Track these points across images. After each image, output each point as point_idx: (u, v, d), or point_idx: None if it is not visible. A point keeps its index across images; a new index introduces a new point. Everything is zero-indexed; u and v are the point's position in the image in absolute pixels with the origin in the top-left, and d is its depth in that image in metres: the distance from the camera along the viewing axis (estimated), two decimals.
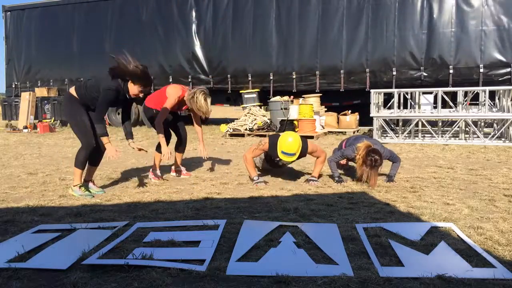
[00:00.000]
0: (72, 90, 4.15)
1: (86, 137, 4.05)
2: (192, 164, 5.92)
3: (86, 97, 4.06)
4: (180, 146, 5.13)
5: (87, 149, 4.05)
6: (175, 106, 4.78)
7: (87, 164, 4.20)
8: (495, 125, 8.93)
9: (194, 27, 12.97)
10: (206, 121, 15.54)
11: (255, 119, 10.31)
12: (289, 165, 5.17)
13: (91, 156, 4.15)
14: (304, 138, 4.61)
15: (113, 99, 3.99)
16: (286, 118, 10.06)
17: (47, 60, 14.92)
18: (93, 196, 4.04)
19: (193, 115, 5.00)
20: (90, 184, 4.30)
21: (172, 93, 4.72)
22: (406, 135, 8.77)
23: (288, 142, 4.39)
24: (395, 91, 9.06)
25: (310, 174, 4.75)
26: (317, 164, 4.65)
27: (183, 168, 5.17)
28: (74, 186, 4.10)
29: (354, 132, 10.05)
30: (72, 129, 4.19)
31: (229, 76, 12.63)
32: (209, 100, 4.69)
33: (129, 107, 4.36)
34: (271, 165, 4.93)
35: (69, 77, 14.64)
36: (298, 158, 4.57)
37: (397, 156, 4.67)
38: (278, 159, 4.60)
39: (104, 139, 3.94)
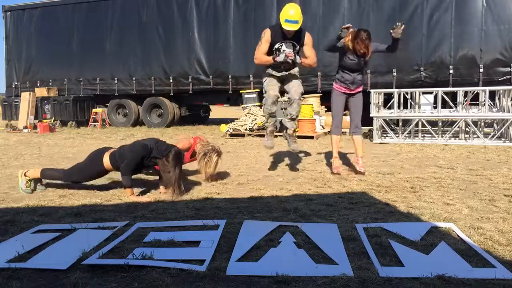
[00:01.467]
0: (106, 156, 4.13)
1: (72, 177, 4.26)
2: (192, 164, 5.91)
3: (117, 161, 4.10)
4: None
5: (60, 178, 4.34)
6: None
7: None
8: (495, 125, 8.93)
9: (194, 27, 12.97)
10: (206, 121, 15.58)
11: (255, 119, 10.31)
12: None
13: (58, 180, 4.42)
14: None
15: (140, 161, 4.02)
16: None
17: (47, 60, 14.91)
18: (31, 192, 4.22)
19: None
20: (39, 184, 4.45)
21: (184, 142, 4.46)
22: (406, 135, 8.77)
23: (290, 8, 4.47)
24: (395, 91, 9.07)
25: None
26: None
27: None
28: (25, 175, 4.25)
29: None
30: (78, 165, 4.32)
31: (230, 76, 12.63)
32: (220, 163, 4.38)
33: None
34: (277, 67, 4.75)
35: (69, 77, 14.65)
36: (297, 45, 4.66)
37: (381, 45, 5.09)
38: (281, 49, 4.60)
39: (127, 191, 3.98)
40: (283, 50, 4.59)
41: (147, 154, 4.00)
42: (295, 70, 4.87)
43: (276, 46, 4.67)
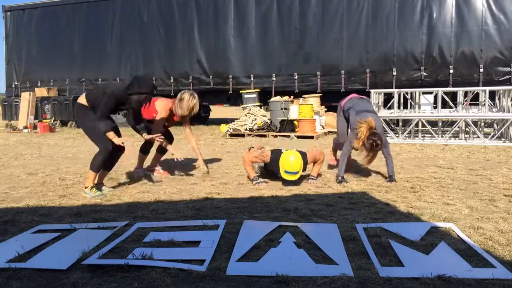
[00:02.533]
0: (81, 99, 4.18)
1: (102, 141, 4.10)
2: (192, 164, 5.92)
3: (96, 101, 4.10)
4: (160, 147, 5.09)
5: (105, 153, 4.10)
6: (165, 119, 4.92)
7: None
8: (495, 125, 8.94)
9: (195, 27, 12.97)
10: (206, 121, 15.57)
11: (255, 119, 10.31)
12: None
13: (106, 160, 4.20)
14: (303, 152, 4.55)
15: (113, 105, 4.06)
16: (286, 118, 10.06)
17: (48, 60, 14.93)
18: (106, 196, 4.07)
19: (184, 125, 5.09)
20: (102, 187, 4.34)
21: (161, 106, 4.87)
22: (406, 135, 8.77)
23: (291, 161, 4.35)
24: (395, 91, 9.07)
25: (309, 174, 4.74)
26: (316, 165, 4.65)
27: (159, 167, 5.23)
28: (86, 187, 4.11)
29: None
30: (89, 137, 4.24)
31: (230, 76, 12.63)
32: (196, 97, 4.78)
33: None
34: (270, 174, 4.87)
35: (69, 77, 14.65)
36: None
37: (388, 146, 4.67)
38: (280, 175, 4.56)
39: (109, 134, 3.98)
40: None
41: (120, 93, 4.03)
42: None
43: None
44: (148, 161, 5.23)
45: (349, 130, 4.85)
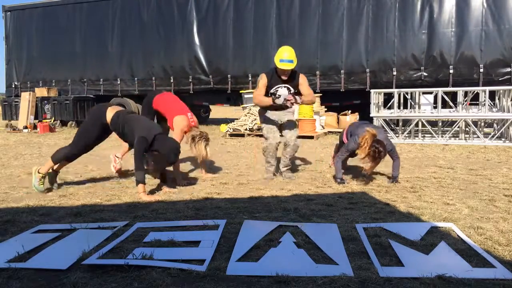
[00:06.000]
0: (109, 112, 4.25)
1: (78, 146, 4.31)
2: (192, 164, 5.92)
3: (117, 126, 4.22)
4: None
5: (70, 153, 4.35)
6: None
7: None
8: (495, 125, 8.94)
9: (194, 27, 12.97)
10: (206, 121, 15.57)
11: (255, 119, 10.31)
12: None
13: (70, 157, 4.42)
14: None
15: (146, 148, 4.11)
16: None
17: (47, 60, 14.91)
18: (44, 190, 4.21)
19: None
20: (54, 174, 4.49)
21: (179, 124, 4.87)
22: (406, 135, 8.77)
23: (285, 49, 4.58)
24: (395, 91, 9.07)
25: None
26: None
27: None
28: (39, 172, 4.25)
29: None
30: (78, 130, 4.40)
31: (229, 76, 12.63)
32: (208, 148, 4.79)
33: None
34: (275, 105, 4.81)
35: (72, 78, 14.66)
36: (292, 87, 4.75)
37: (396, 151, 4.63)
38: (276, 93, 4.71)
39: (139, 187, 3.99)
40: (279, 95, 4.73)
41: (147, 146, 4.07)
42: (293, 113, 5.08)
43: (272, 90, 4.78)
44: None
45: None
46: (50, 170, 4.37)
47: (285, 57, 4.57)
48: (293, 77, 4.77)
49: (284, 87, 4.78)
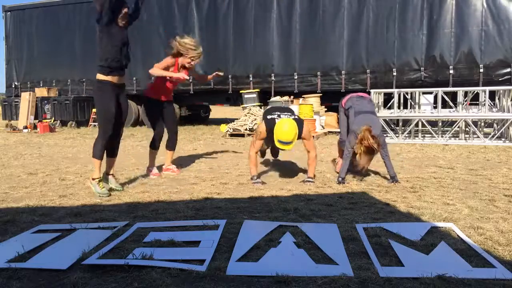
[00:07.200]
0: (100, 75, 4.14)
1: (105, 124, 4.09)
2: (192, 164, 5.92)
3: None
4: (170, 142, 5.16)
5: (103, 137, 4.10)
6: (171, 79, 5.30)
7: (105, 156, 4.23)
8: (495, 125, 8.94)
9: (195, 27, 12.96)
10: (206, 121, 15.59)
11: (255, 119, 10.31)
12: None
13: (107, 146, 4.18)
14: (301, 120, 4.58)
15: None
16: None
17: (47, 60, 14.92)
18: (110, 195, 4.03)
19: (196, 77, 5.34)
20: (110, 178, 4.31)
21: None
22: (406, 135, 8.77)
23: (284, 131, 4.37)
24: (395, 91, 9.07)
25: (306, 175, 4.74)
26: (310, 164, 4.63)
27: (173, 166, 5.22)
28: (93, 179, 4.08)
29: None
30: (97, 115, 4.25)
31: (229, 76, 12.63)
32: (191, 36, 4.97)
33: None
34: (271, 148, 4.84)
35: (72, 78, 14.65)
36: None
37: (387, 149, 4.63)
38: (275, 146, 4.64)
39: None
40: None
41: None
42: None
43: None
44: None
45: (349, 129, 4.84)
46: (102, 173, 4.17)
47: (284, 139, 4.39)
48: None
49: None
